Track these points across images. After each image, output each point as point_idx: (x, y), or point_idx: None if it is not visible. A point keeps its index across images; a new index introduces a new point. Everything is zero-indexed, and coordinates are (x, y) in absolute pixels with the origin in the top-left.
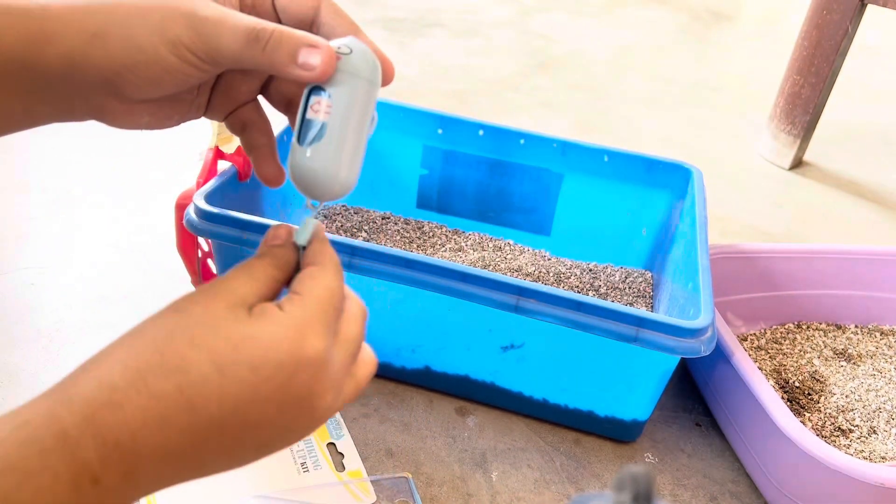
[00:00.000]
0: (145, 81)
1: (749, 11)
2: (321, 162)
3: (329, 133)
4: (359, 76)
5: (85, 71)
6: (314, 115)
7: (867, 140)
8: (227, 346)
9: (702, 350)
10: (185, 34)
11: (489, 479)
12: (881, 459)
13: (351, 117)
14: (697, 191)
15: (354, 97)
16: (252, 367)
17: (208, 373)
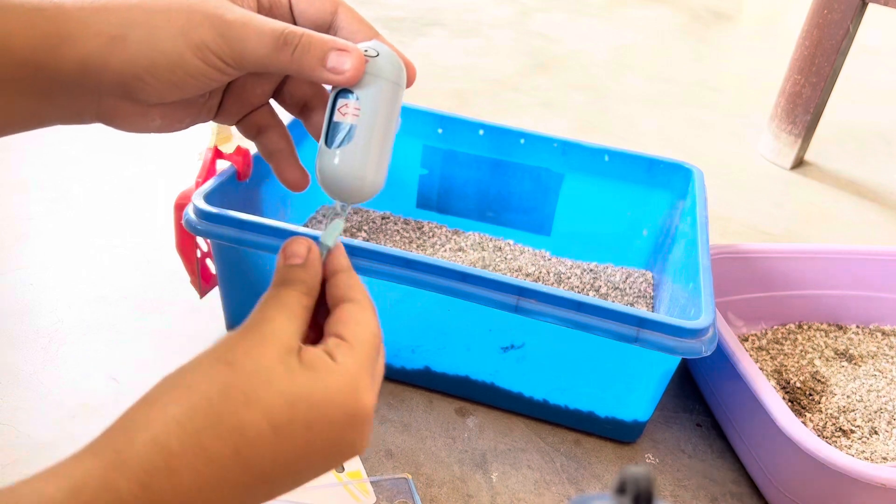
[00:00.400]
0: (166, 85)
1: (750, 11)
2: (351, 164)
3: (358, 135)
4: (386, 79)
5: (101, 74)
6: (342, 117)
7: (868, 140)
8: (282, 405)
9: (703, 350)
10: (210, 38)
11: (489, 479)
12: (882, 460)
13: (379, 119)
14: (698, 191)
15: (382, 99)
16: (307, 426)
17: (264, 433)
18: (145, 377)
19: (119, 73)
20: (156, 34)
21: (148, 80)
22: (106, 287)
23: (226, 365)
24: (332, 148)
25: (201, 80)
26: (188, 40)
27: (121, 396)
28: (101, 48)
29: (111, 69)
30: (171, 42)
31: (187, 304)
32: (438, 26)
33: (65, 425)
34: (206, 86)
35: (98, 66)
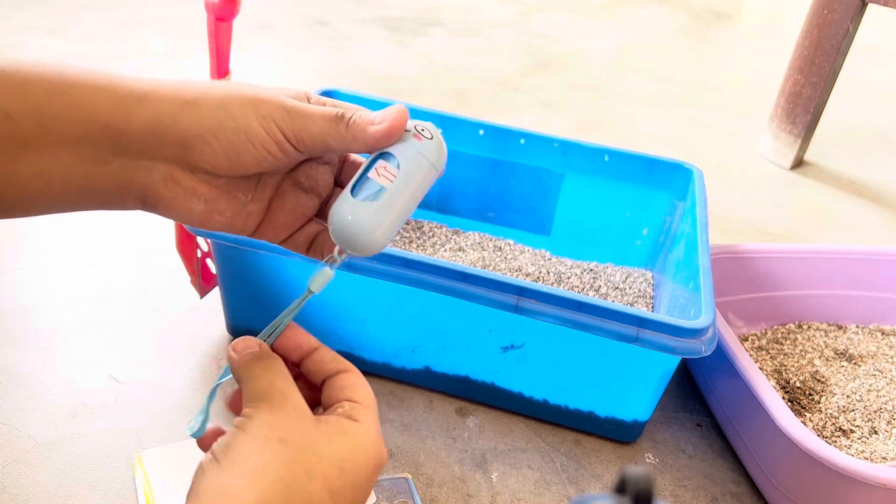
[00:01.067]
0: (227, 147)
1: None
2: (368, 219)
3: (385, 197)
4: (429, 160)
5: (167, 132)
6: (376, 176)
7: (868, 140)
8: (334, 471)
9: (702, 350)
10: (277, 113)
11: (489, 479)
12: (882, 460)
13: (408, 191)
14: (698, 191)
15: (418, 175)
16: (354, 485)
17: (325, 499)
18: (145, 377)
19: (185, 130)
20: (227, 102)
21: (211, 140)
22: (106, 287)
23: (280, 444)
24: (356, 198)
25: (260, 150)
26: (257, 111)
27: (121, 396)
28: (174, 108)
29: (179, 126)
30: (241, 109)
31: (187, 304)
32: (438, 26)
33: (65, 425)
34: (261, 160)
35: (167, 123)
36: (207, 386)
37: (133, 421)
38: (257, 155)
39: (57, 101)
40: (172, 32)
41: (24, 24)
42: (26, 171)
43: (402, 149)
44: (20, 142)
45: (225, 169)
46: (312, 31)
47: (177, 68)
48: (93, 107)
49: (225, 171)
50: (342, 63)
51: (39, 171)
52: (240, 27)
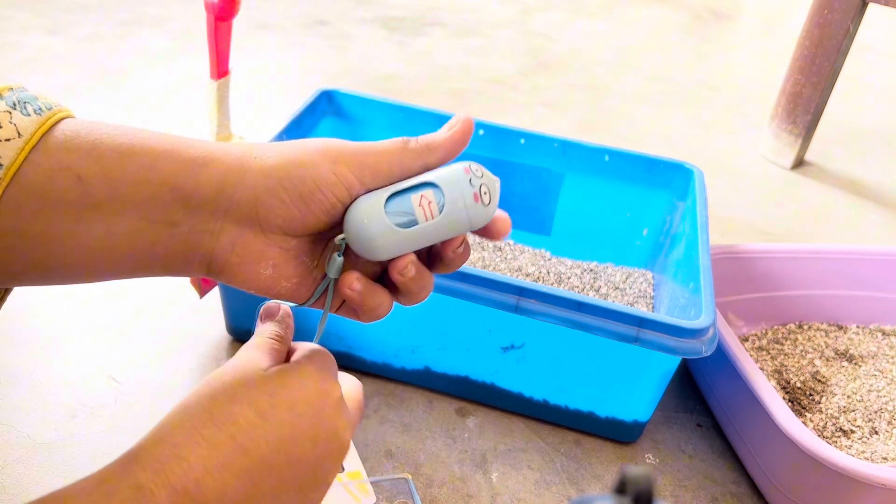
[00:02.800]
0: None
1: (750, 10)
2: (387, 237)
3: (414, 231)
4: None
5: (235, 191)
6: (416, 204)
7: (869, 140)
8: (264, 396)
9: (703, 350)
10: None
11: (489, 479)
12: (882, 460)
13: (435, 236)
14: (698, 191)
15: (452, 226)
16: (288, 407)
17: (253, 419)
18: (145, 377)
19: (253, 186)
20: (295, 149)
21: (280, 192)
22: (106, 287)
23: (206, 384)
24: (387, 215)
25: (330, 198)
26: (327, 155)
27: (121, 396)
28: (241, 167)
29: (246, 183)
30: (310, 155)
31: (187, 304)
32: (438, 26)
33: (65, 425)
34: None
35: (234, 182)
36: None
37: (133, 421)
38: (325, 202)
39: (127, 164)
40: (172, 32)
41: (24, 24)
42: (94, 232)
43: (455, 194)
44: (90, 204)
45: (296, 221)
46: (312, 31)
47: (177, 68)
48: (161, 169)
49: (295, 225)
50: (342, 63)
51: (107, 233)
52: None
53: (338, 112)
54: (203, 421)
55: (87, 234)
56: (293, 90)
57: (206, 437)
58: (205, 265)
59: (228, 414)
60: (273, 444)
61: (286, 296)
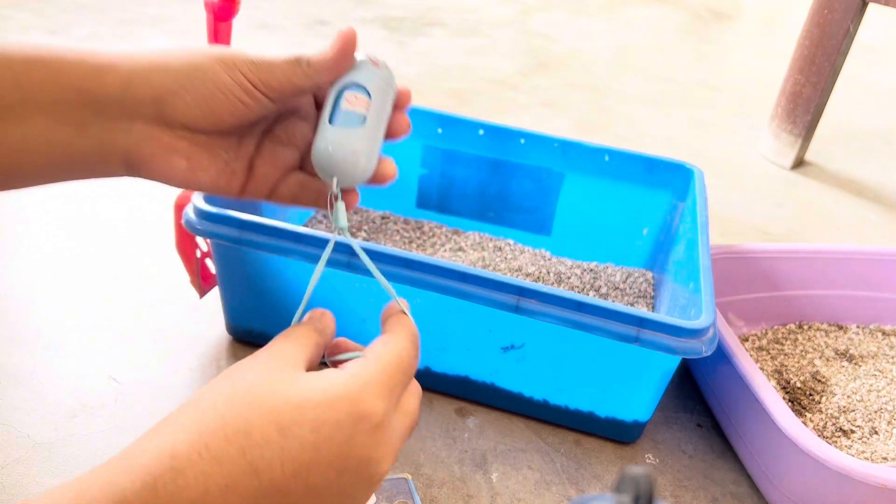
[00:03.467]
0: (199, 100)
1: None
2: (355, 144)
3: (368, 123)
4: (389, 83)
5: (140, 92)
6: (350, 105)
7: (869, 139)
8: (287, 407)
9: (703, 350)
10: (241, 62)
11: (489, 480)
12: (882, 460)
13: (384, 115)
14: (698, 190)
15: (386, 98)
16: (313, 428)
17: (270, 434)
18: (145, 377)
19: (158, 87)
20: (196, 59)
21: (183, 94)
22: (106, 287)
23: (227, 378)
24: (340, 125)
25: (229, 97)
26: (223, 63)
27: (121, 396)
28: (145, 70)
29: (151, 85)
30: (209, 64)
31: (187, 304)
32: (438, 26)
33: (64, 425)
34: (234, 109)
35: (139, 83)
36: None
37: (133, 421)
38: (229, 104)
39: (36, 69)
40: (172, 32)
41: (24, 24)
42: (10, 137)
43: (366, 77)
44: (2, 107)
45: (201, 121)
46: (312, 31)
47: None
48: (69, 73)
49: (201, 124)
50: None
51: (23, 137)
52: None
53: None
54: (212, 428)
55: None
56: None
57: (212, 449)
58: (123, 164)
59: (243, 422)
60: (290, 468)
61: (209, 187)
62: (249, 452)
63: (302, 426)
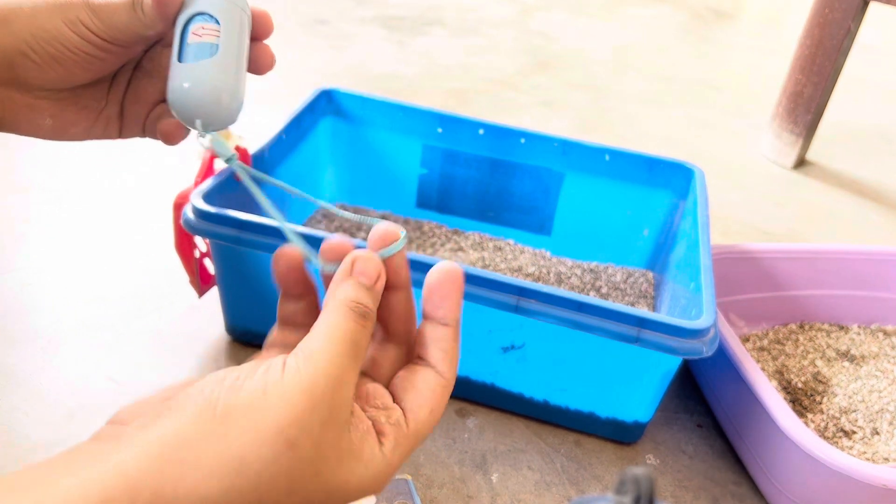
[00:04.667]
0: (47, 60)
1: (750, 10)
2: (212, 78)
3: (222, 52)
4: (242, 9)
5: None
6: (199, 38)
7: (870, 139)
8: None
9: (704, 351)
10: (83, 14)
11: (489, 480)
12: (884, 461)
13: (241, 41)
14: (699, 190)
15: (242, 24)
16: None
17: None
18: (144, 377)
19: (4, 50)
20: (37, 15)
21: (30, 55)
22: (105, 287)
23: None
24: (191, 62)
25: (78, 54)
26: (64, 17)
27: (119, 397)
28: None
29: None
30: (50, 20)
31: (186, 304)
32: (438, 26)
33: (63, 426)
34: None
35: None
36: None
37: None
38: (80, 61)
39: None
40: None
41: None
42: None
43: (208, 4)
44: None
45: (56, 81)
46: (312, 31)
47: None
48: None
49: (57, 83)
50: (342, 62)
51: None
52: None
53: (337, 111)
54: None
55: None
56: (293, 89)
57: None
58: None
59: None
60: None
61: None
62: None
63: None
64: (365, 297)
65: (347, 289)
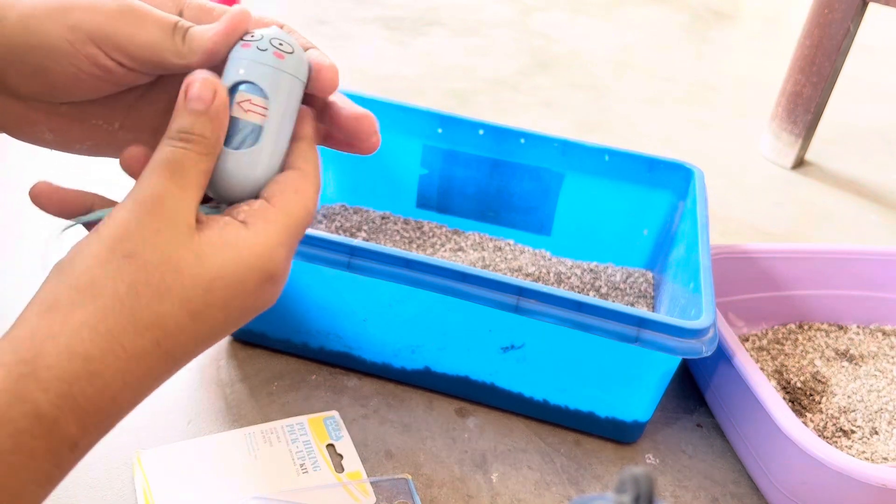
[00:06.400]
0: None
1: (750, 10)
2: (251, 168)
3: (265, 139)
4: (296, 76)
5: None
6: (244, 114)
7: (869, 139)
8: (197, 292)
9: (703, 351)
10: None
11: (489, 480)
12: (883, 460)
13: (287, 124)
14: (699, 190)
15: (294, 101)
16: (224, 306)
17: (183, 322)
18: None
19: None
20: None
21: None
22: None
23: (127, 259)
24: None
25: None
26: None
27: None
28: None
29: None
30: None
31: None
32: (438, 26)
33: None
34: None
35: None
36: (207, 385)
37: (133, 421)
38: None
39: None
40: None
41: None
42: None
43: (262, 73)
44: None
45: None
46: (312, 31)
47: None
48: None
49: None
50: (342, 63)
51: None
52: None
53: None
54: (122, 326)
55: None
56: None
57: (127, 348)
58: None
59: (155, 316)
60: (202, 339)
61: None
62: (164, 342)
63: (214, 307)
64: (187, 123)
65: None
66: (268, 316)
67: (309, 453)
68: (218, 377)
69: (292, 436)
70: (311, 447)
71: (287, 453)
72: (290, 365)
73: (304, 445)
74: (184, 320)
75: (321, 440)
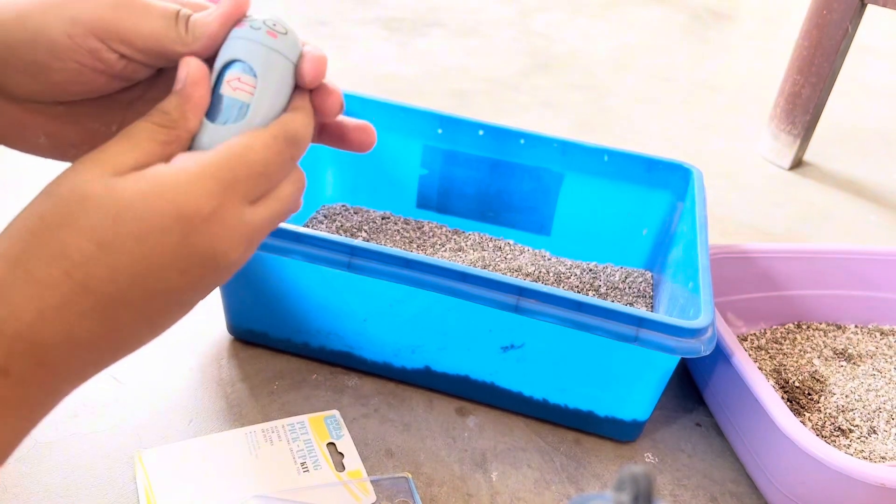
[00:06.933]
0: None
1: (749, 11)
2: None
3: (251, 116)
4: (287, 57)
5: None
6: (233, 91)
7: (867, 140)
8: (104, 220)
9: (702, 350)
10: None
11: (489, 479)
12: (881, 459)
13: (277, 102)
14: (698, 191)
15: (279, 78)
16: (137, 238)
17: (92, 252)
18: (146, 376)
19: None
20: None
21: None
22: None
23: (44, 195)
24: (216, 123)
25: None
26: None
27: (121, 396)
28: None
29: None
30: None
31: None
32: (438, 26)
33: (66, 425)
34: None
35: None
36: (208, 385)
37: (134, 421)
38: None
39: None
40: None
41: None
42: None
43: (253, 52)
44: None
45: (39, 94)
46: (312, 31)
47: None
48: None
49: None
50: (342, 63)
51: None
52: None
53: None
54: (28, 252)
55: None
56: None
57: (33, 274)
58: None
59: (58, 244)
60: (124, 280)
61: None
62: (74, 273)
63: (123, 237)
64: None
65: None
66: (269, 316)
67: (310, 452)
68: (219, 376)
69: (293, 435)
70: (312, 446)
71: (288, 452)
72: (290, 364)
73: (304, 444)
74: (90, 249)
75: (322, 439)
